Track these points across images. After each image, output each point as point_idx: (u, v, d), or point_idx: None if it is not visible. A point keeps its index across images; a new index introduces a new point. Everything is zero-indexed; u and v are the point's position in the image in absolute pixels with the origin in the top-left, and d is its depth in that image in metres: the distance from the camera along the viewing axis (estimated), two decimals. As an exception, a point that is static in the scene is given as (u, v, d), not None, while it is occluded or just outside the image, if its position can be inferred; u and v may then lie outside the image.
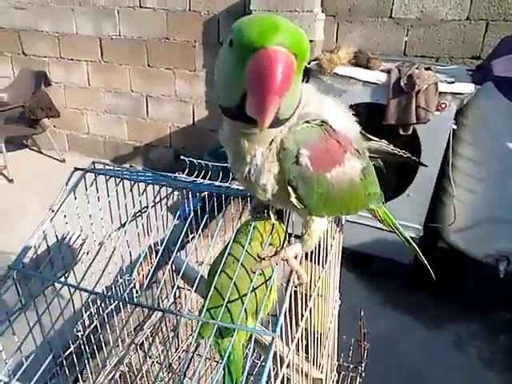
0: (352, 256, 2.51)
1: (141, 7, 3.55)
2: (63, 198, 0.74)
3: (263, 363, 0.98)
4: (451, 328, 2.27)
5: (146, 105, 3.92)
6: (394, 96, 2.25)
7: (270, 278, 0.69)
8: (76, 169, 0.78)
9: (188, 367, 0.69)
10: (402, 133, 2.31)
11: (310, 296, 0.73)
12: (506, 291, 2.34)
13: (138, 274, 0.91)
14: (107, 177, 0.79)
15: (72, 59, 3.99)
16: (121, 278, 0.83)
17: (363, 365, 1.10)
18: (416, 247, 0.96)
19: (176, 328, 1.04)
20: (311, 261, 0.69)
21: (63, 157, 4.28)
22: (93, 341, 0.84)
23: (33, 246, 0.76)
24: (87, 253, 0.84)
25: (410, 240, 0.96)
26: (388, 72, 2.29)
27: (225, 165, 0.79)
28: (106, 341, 0.91)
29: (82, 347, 0.83)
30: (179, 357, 1.04)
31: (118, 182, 0.80)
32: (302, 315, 0.63)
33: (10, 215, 3.29)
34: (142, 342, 0.96)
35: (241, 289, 0.67)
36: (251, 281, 0.63)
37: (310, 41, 2.87)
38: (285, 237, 0.74)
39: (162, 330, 1.02)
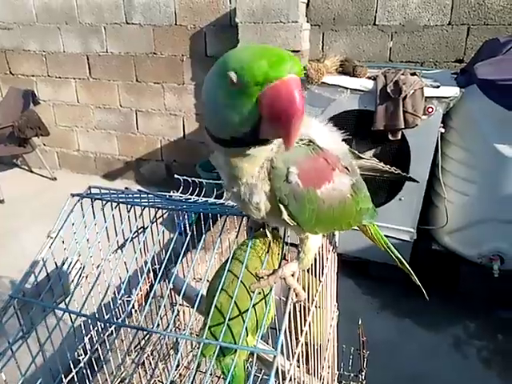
0: (349, 262, 2.53)
1: (127, 23, 3.57)
2: (60, 224, 0.74)
3: (264, 376, 0.98)
4: (449, 330, 2.28)
5: (135, 119, 3.93)
6: (381, 102, 2.28)
7: (267, 294, 0.70)
8: (73, 195, 0.78)
9: None
10: (391, 138, 2.34)
11: (309, 309, 0.74)
12: (501, 290, 2.36)
13: (137, 294, 0.91)
14: (103, 202, 0.79)
15: (60, 77, 3.99)
16: (120, 299, 0.83)
17: (363, 373, 1.11)
18: (408, 266, 0.97)
19: (176, 346, 1.04)
20: (308, 272, 0.70)
21: (54, 175, 4.27)
22: (94, 363, 0.83)
23: (32, 274, 0.76)
24: (86, 277, 0.84)
25: (402, 259, 0.97)
26: (374, 79, 2.32)
27: (219, 182, 0.80)
28: (107, 362, 0.90)
29: (84, 371, 0.83)
30: (180, 374, 1.04)
31: (114, 206, 0.80)
32: (302, 329, 0.63)
33: (2, 236, 3.26)
34: (143, 361, 0.96)
35: (240, 307, 0.68)
36: (251, 298, 0.63)
37: (297, 51, 2.91)
38: (282, 255, 0.74)
39: (162, 347, 1.02)
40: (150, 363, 0.99)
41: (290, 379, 0.53)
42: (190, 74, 3.56)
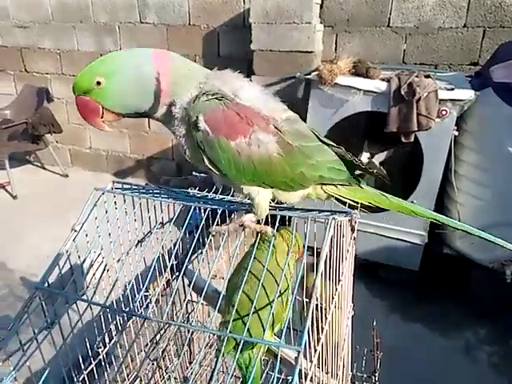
0: (358, 264, 2.52)
1: (141, 22, 3.60)
2: (84, 217, 0.76)
3: (279, 375, 0.98)
4: (460, 334, 2.26)
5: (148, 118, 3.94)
6: (394, 104, 2.28)
7: (285, 291, 0.70)
8: (96, 189, 0.80)
9: (211, 380, 0.69)
10: (403, 140, 2.33)
11: (328, 309, 0.74)
12: (513, 295, 2.34)
13: (154, 290, 0.92)
14: (125, 196, 0.81)
15: (74, 75, 4.03)
16: (137, 293, 0.84)
17: (377, 374, 1.10)
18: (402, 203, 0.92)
19: (190, 342, 1.05)
20: (327, 276, 0.71)
21: (66, 172, 4.31)
22: (112, 357, 0.84)
23: (57, 266, 0.77)
24: (107, 270, 0.85)
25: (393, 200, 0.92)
26: (388, 81, 2.32)
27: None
28: (122, 356, 0.91)
29: (103, 363, 0.84)
30: (193, 370, 1.05)
31: (136, 201, 0.82)
32: (322, 328, 0.64)
33: (16, 231, 3.30)
34: (156, 356, 0.96)
35: (259, 304, 0.68)
36: (269, 297, 0.64)
37: (310, 52, 2.91)
38: (297, 253, 0.75)
39: (176, 343, 1.03)
40: (164, 359, 0.99)
41: (311, 379, 0.53)
42: (202, 73, 3.57)
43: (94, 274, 0.81)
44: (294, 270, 0.80)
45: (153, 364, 0.96)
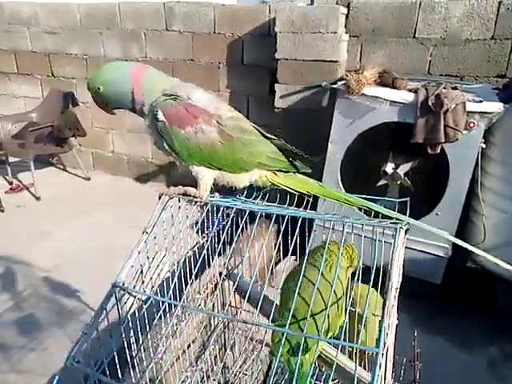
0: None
1: (167, 30, 3.66)
2: (154, 220, 0.80)
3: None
4: (484, 350, 2.22)
5: (170, 124, 4.00)
6: (421, 115, 2.26)
7: (340, 298, 0.71)
8: (162, 194, 0.99)
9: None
10: (430, 151, 2.32)
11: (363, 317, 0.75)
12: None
13: (204, 292, 0.95)
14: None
15: (99, 80, 4.11)
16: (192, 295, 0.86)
17: None
18: (383, 210, 0.96)
19: (233, 346, 1.05)
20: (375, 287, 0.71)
21: (88, 175, 4.38)
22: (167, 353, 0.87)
23: (130, 266, 0.79)
24: (170, 271, 0.90)
25: (372, 205, 0.98)
26: (415, 91, 2.31)
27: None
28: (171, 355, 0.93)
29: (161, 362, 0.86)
30: (235, 374, 1.05)
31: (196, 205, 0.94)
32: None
33: (39, 232, 3.37)
34: (197, 359, 0.98)
35: (315, 310, 0.69)
36: (325, 303, 0.65)
37: (334, 61, 2.93)
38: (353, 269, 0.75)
39: (215, 348, 1.04)
40: (206, 363, 1.00)
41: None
42: (225, 81, 3.61)
43: (158, 275, 0.83)
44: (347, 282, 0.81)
45: (196, 366, 0.97)
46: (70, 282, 2.78)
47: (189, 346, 0.88)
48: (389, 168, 2.53)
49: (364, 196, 1.01)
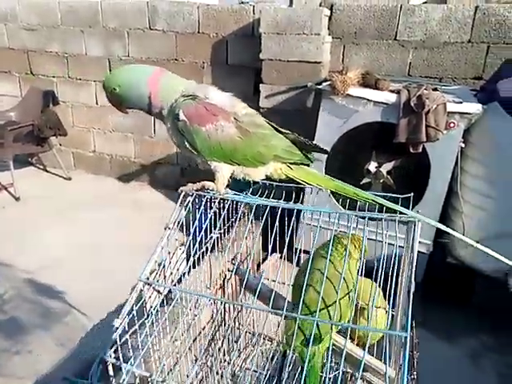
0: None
1: (151, 29, 3.64)
2: (175, 217, 0.82)
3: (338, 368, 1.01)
4: (465, 342, 2.30)
5: (153, 123, 3.98)
6: (404, 115, 2.33)
7: (350, 290, 0.74)
8: (181, 191, 1.01)
9: (282, 372, 0.73)
10: (412, 151, 2.39)
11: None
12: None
13: (214, 287, 0.98)
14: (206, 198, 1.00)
15: (80, 79, 4.06)
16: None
17: (415, 373, 1.14)
18: (386, 202, 1.03)
19: (238, 340, 1.07)
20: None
21: (69, 175, 4.31)
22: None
23: (154, 261, 0.81)
24: (187, 265, 0.92)
25: (371, 197, 1.03)
26: (398, 92, 2.38)
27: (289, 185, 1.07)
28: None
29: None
30: (240, 367, 1.08)
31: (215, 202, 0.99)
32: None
33: (19, 232, 3.30)
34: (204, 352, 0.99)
35: (327, 302, 0.72)
36: (336, 293, 0.68)
37: (318, 62, 2.98)
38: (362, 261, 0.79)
39: (224, 341, 1.06)
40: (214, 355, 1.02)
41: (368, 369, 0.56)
42: (210, 81, 3.62)
43: (177, 269, 0.85)
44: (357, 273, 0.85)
45: (206, 360, 0.99)
46: (54, 283, 2.74)
47: (194, 339, 0.90)
48: (372, 167, 2.59)
49: (369, 192, 1.05)
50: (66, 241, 3.22)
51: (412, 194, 1.09)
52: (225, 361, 1.03)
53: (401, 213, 0.98)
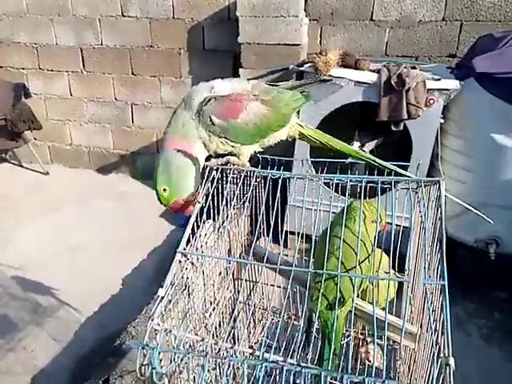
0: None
1: (123, 16, 3.55)
2: (205, 191, 0.84)
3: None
4: (451, 311, 2.40)
5: (131, 113, 3.91)
6: (385, 94, 2.38)
7: (369, 256, 0.77)
8: (206, 166, 1.00)
9: (308, 339, 0.75)
10: (393, 129, 2.45)
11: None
12: (497, 272, 2.51)
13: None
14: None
15: (52, 70, 3.94)
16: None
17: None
18: (385, 164, 1.13)
19: (253, 315, 1.10)
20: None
21: (46, 169, 4.20)
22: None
23: (188, 233, 0.81)
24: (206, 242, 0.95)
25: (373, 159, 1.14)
26: (378, 72, 2.42)
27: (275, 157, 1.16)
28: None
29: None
30: (254, 343, 1.10)
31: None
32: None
33: (0, 230, 3.22)
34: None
35: (348, 265, 0.74)
36: (356, 258, 0.70)
37: (297, 44, 2.98)
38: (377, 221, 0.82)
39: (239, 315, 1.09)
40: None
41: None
42: (187, 67, 3.58)
43: (206, 243, 0.85)
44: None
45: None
46: (40, 279, 2.70)
47: (210, 314, 0.92)
48: (355, 146, 2.64)
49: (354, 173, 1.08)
50: (48, 236, 3.16)
51: (409, 163, 1.13)
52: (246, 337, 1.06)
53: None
